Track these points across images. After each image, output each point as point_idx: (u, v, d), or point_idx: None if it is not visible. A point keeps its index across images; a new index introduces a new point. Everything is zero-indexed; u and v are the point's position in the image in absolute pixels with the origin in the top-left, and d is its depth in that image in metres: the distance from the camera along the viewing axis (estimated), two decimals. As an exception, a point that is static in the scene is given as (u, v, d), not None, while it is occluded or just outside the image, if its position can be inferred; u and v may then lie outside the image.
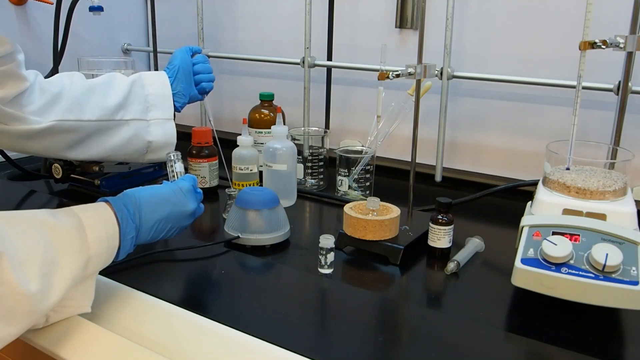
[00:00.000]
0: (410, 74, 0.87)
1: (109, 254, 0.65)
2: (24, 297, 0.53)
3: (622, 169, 0.78)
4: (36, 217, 0.59)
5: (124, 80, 0.97)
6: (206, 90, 1.06)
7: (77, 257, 0.60)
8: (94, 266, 0.63)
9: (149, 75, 0.99)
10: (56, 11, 1.23)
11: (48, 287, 0.56)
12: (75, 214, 0.63)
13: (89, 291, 0.65)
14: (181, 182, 0.77)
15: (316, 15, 1.28)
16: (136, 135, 0.96)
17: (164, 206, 0.73)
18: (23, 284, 0.52)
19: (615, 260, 0.64)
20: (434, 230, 0.85)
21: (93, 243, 0.62)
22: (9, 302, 0.52)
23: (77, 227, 0.61)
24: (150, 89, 0.97)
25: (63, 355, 0.63)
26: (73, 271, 0.59)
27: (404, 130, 1.12)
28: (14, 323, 0.53)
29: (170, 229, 0.74)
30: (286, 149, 1.04)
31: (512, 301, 0.73)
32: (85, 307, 0.64)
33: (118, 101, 0.94)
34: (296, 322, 0.67)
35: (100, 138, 0.95)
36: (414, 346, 0.63)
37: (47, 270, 0.56)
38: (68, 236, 0.60)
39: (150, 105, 0.97)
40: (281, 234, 0.88)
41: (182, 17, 1.56)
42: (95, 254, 0.62)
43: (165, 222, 0.73)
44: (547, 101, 1.11)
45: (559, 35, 1.06)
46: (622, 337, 0.67)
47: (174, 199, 0.74)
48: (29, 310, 0.54)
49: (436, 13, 1.16)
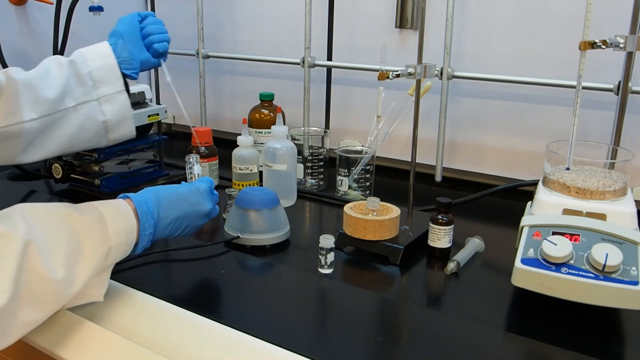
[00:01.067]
0: (410, 74, 0.87)
1: (127, 246, 0.68)
2: (51, 283, 0.56)
3: (622, 169, 0.78)
4: (60, 209, 0.62)
5: (62, 63, 0.88)
6: (159, 51, 0.95)
7: (99, 248, 0.63)
8: (113, 257, 0.66)
9: (89, 50, 0.90)
10: (56, 11, 1.23)
11: (73, 275, 0.59)
12: (96, 208, 0.66)
13: (104, 281, 0.67)
14: (199, 183, 0.79)
15: (316, 15, 1.28)
16: (88, 119, 0.88)
17: (181, 205, 0.75)
18: (50, 271, 0.56)
19: (615, 260, 0.64)
20: (434, 230, 0.85)
21: (113, 235, 0.65)
22: (37, 289, 0.55)
23: (98, 219, 0.64)
24: (92, 64, 0.88)
25: (63, 355, 0.63)
26: (95, 261, 0.62)
27: (404, 130, 1.12)
28: (41, 308, 0.57)
29: (186, 227, 0.76)
30: (286, 149, 1.04)
31: (512, 301, 0.73)
32: (99, 296, 0.67)
33: (59, 90, 0.86)
34: (296, 322, 0.67)
35: (50, 134, 0.87)
36: (414, 346, 0.63)
37: (72, 259, 0.59)
38: (90, 227, 0.63)
39: (95, 82, 0.88)
40: (281, 234, 0.88)
41: (182, 17, 1.56)
42: (115, 245, 0.65)
43: (182, 220, 0.75)
44: (547, 101, 1.11)
45: (559, 35, 1.06)
46: (622, 337, 0.67)
47: (192, 199, 0.76)
48: (54, 296, 0.58)
49: (436, 13, 1.16)
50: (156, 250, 0.84)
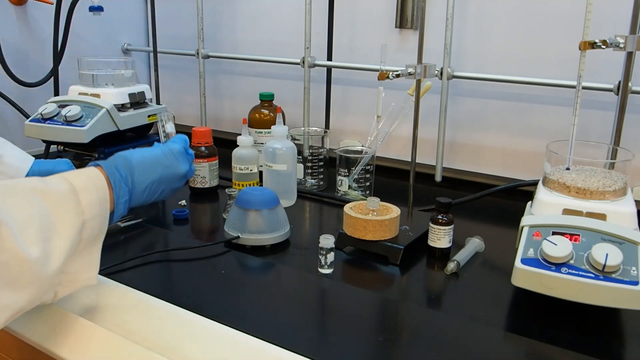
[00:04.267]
0: (410, 74, 0.87)
1: (102, 217, 0.65)
2: (27, 262, 0.53)
3: (622, 169, 0.78)
4: (29, 184, 0.59)
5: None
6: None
7: (73, 221, 0.60)
8: (90, 230, 0.63)
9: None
10: (56, 11, 1.23)
11: (48, 251, 0.56)
12: (66, 179, 0.63)
13: (93, 262, 0.64)
14: (172, 144, 0.76)
15: (316, 15, 1.28)
16: None
17: (156, 169, 0.72)
18: (24, 250, 0.53)
19: (615, 260, 0.64)
20: (434, 230, 0.85)
21: (87, 207, 0.62)
22: (12, 269, 0.53)
23: (70, 192, 0.61)
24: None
25: (63, 355, 0.63)
26: (70, 236, 0.59)
27: (404, 130, 1.12)
28: (19, 289, 0.54)
29: (162, 191, 0.74)
30: (286, 149, 1.04)
31: (512, 301, 0.73)
32: (91, 279, 0.64)
33: None
34: (296, 322, 0.67)
35: None
36: (414, 346, 0.63)
37: (45, 235, 0.56)
38: (62, 201, 0.60)
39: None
40: (281, 234, 0.88)
41: (182, 17, 1.56)
42: (90, 218, 0.62)
43: (157, 185, 0.73)
44: (547, 101, 1.11)
45: (559, 35, 1.06)
46: (622, 337, 0.67)
47: (166, 161, 0.74)
48: (32, 276, 0.55)
49: (436, 13, 1.16)
50: (156, 251, 0.84)
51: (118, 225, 0.91)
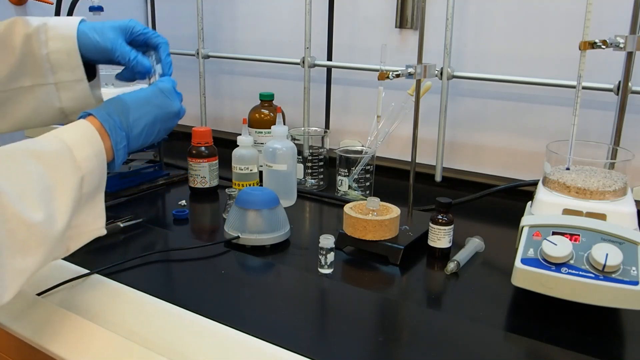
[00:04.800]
0: (410, 74, 0.87)
1: (100, 169, 0.65)
2: (33, 227, 0.54)
3: (622, 169, 0.78)
4: (21, 148, 0.59)
5: (19, 36, 0.77)
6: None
7: (71, 179, 0.60)
8: (89, 184, 0.63)
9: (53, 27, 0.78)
10: (56, 11, 1.24)
11: (51, 212, 0.57)
12: (58, 138, 0.62)
13: (99, 213, 0.65)
14: (161, 84, 0.75)
15: (316, 15, 1.28)
16: (44, 102, 0.79)
17: (150, 109, 0.72)
18: (28, 215, 0.54)
19: (615, 260, 0.64)
20: (434, 230, 0.85)
21: (83, 162, 0.62)
22: (19, 235, 0.53)
23: (64, 150, 0.61)
24: (52, 45, 0.76)
25: (63, 355, 0.63)
26: (70, 194, 0.60)
27: (404, 130, 1.12)
28: (30, 254, 0.55)
29: (158, 132, 0.74)
30: (286, 149, 1.04)
31: (512, 301, 0.73)
32: (100, 229, 0.65)
33: (10, 69, 0.76)
34: (296, 322, 0.67)
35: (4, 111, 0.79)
36: (414, 346, 0.63)
37: (46, 197, 0.57)
38: (57, 161, 0.60)
39: (53, 65, 0.77)
40: (281, 234, 0.88)
41: (182, 17, 1.56)
42: (87, 172, 0.62)
43: (153, 125, 0.72)
44: (547, 101, 1.11)
45: (559, 35, 1.06)
46: (622, 337, 0.67)
47: (158, 101, 0.73)
48: (41, 238, 0.56)
49: (436, 13, 1.16)
50: (156, 251, 0.84)
51: (118, 225, 0.91)
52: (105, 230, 0.66)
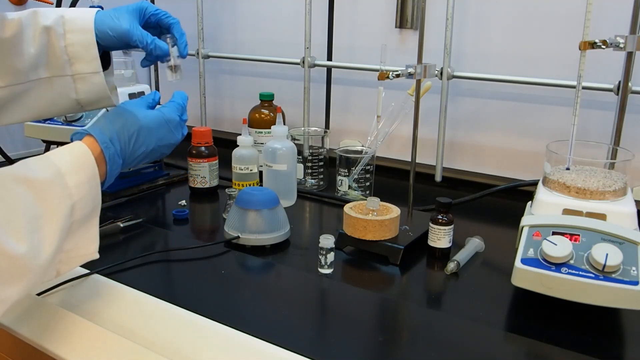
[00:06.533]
0: (410, 74, 0.87)
1: (93, 195, 0.64)
2: (15, 259, 0.53)
3: (622, 169, 0.78)
4: (10, 173, 0.58)
5: (38, 28, 0.77)
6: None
7: (61, 207, 0.59)
8: (82, 210, 0.62)
9: (71, 20, 0.78)
10: (56, 11, 1.23)
11: (37, 242, 0.55)
12: (51, 161, 0.61)
13: (92, 236, 0.64)
14: (168, 114, 0.75)
15: (316, 16, 1.28)
16: (60, 94, 0.80)
17: (151, 141, 0.72)
18: (10, 246, 0.52)
19: (615, 260, 0.64)
20: (434, 230, 0.85)
21: (74, 189, 0.61)
22: (2, 266, 0.52)
23: (55, 176, 0.60)
24: (71, 37, 0.77)
25: (63, 355, 0.63)
26: (60, 221, 0.59)
27: (404, 130, 1.12)
28: (12, 284, 0.53)
29: (151, 159, 0.75)
30: (286, 149, 1.04)
31: (512, 301, 0.73)
32: (92, 254, 0.64)
33: (30, 60, 0.77)
34: (296, 322, 0.67)
35: (19, 102, 0.81)
36: (414, 346, 0.63)
37: (33, 226, 0.55)
38: (47, 187, 0.59)
39: (70, 57, 0.78)
40: (281, 234, 0.88)
41: (182, 17, 1.54)
42: (78, 199, 0.61)
43: (149, 154, 0.73)
44: (547, 101, 1.11)
45: (559, 35, 1.06)
46: (622, 337, 0.67)
47: (161, 134, 0.73)
48: (24, 269, 0.54)
49: (436, 13, 1.16)
50: (156, 251, 0.84)
51: (118, 225, 0.91)
52: (97, 255, 0.65)
